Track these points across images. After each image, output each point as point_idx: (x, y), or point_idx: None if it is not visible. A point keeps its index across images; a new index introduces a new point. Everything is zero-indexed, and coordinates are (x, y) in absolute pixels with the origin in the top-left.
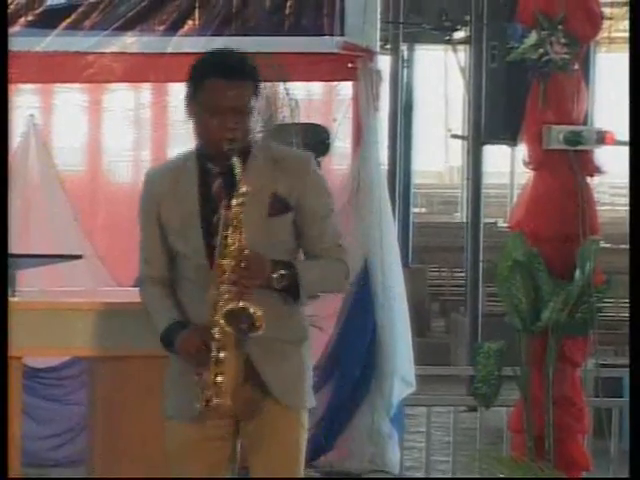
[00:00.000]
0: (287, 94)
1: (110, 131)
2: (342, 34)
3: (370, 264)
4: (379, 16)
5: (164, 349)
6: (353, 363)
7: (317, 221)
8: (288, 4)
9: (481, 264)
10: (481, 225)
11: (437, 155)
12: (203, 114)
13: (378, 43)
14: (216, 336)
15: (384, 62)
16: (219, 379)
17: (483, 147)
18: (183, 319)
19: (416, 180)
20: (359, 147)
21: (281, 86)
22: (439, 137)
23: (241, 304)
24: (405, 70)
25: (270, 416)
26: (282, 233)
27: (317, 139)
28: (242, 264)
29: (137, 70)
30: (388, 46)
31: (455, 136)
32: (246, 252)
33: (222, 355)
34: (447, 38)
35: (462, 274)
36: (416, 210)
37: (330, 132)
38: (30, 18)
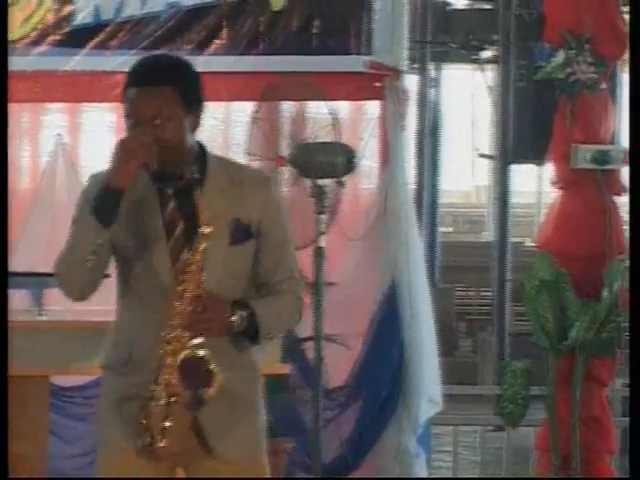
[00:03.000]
0: (330, 113)
1: None
2: (369, 53)
3: (397, 284)
4: (406, 35)
5: None
6: (380, 382)
7: (274, 250)
8: (315, 23)
9: (508, 283)
10: (508, 244)
11: (464, 174)
12: (127, 128)
13: (405, 62)
14: (164, 381)
15: (411, 81)
16: (167, 424)
17: (510, 166)
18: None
19: (443, 199)
20: (386, 166)
21: (320, 105)
22: (466, 156)
23: (198, 353)
24: (432, 89)
25: (217, 472)
26: (242, 263)
27: (342, 158)
28: (199, 309)
29: None
30: (415, 65)
31: (482, 155)
32: (203, 295)
33: (172, 400)
34: (474, 57)
35: (489, 293)
36: (443, 229)
37: (355, 151)
38: (57, 37)
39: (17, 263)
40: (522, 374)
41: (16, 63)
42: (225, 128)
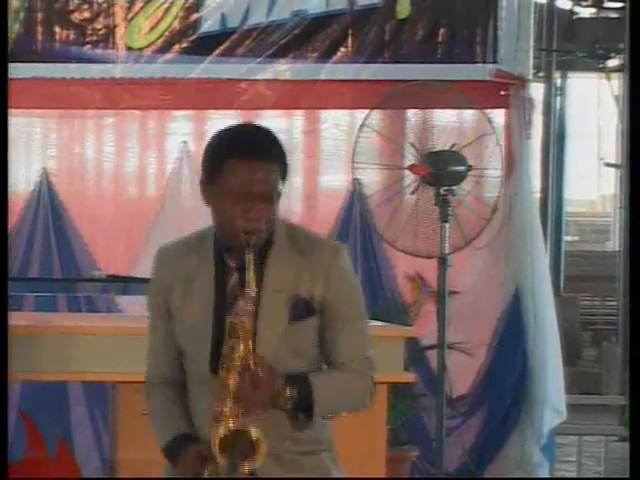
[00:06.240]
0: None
1: None
2: (495, 62)
3: (521, 292)
4: (532, 44)
5: (169, 464)
6: (504, 391)
7: (343, 328)
8: (441, 32)
9: None
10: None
11: (590, 183)
12: (222, 200)
13: (531, 71)
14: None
15: (537, 90)
16: None
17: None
18: (191, 431)
19: (568, 208)
20: (511, 175)
21: (445, 112)
22: (592, 165)
23: (238, 427)
24: (558, 98)
25: None
26: (303, 340)
27: (465, 167)
28: (247, 379)
29: (289, 97)
30: (541, 74)
31: (608, 164)
32: (252, 366)
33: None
34: (600, 66)
35: (614, 303)
36: (568, 238)
37: (467, 161)
38: (184, 45)
39: (142, 269)
40: None
41: (143, 70)
42: (348, 137)
